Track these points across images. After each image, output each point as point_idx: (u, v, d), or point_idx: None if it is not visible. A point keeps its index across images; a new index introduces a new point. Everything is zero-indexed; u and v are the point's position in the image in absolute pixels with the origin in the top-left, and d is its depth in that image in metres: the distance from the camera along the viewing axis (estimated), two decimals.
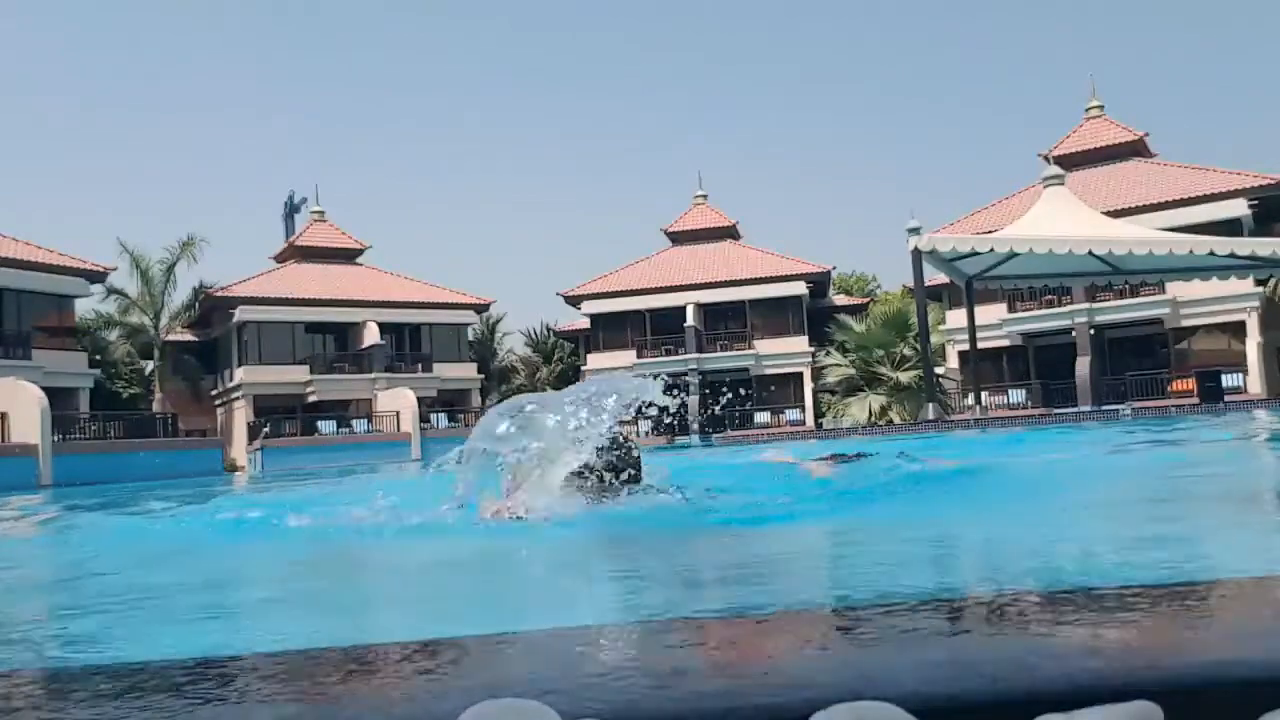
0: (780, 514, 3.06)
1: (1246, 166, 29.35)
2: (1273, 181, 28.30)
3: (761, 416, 36.13)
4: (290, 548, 3.28)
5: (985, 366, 28.93)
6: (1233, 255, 17.47)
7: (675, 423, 36.44)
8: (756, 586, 1.97)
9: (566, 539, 2.77)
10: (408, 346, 36.73)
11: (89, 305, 32.62)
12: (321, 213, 39.42)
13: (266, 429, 30.39)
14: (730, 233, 41.08)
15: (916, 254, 17.57)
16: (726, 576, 2.22)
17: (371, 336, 34.78)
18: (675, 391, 4.10)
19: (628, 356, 38.13)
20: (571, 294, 39.28)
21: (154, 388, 33.07)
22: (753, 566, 2.25)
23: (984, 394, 25.21)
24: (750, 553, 2.43)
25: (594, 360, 38.97)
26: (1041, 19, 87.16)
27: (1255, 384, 27.04)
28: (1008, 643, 0.79)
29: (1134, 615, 0.85)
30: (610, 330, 38.87)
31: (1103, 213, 21.76)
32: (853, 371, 30.71)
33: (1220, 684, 0.67)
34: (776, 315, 37.55)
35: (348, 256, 38.89)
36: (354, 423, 32.89)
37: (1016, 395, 31.52)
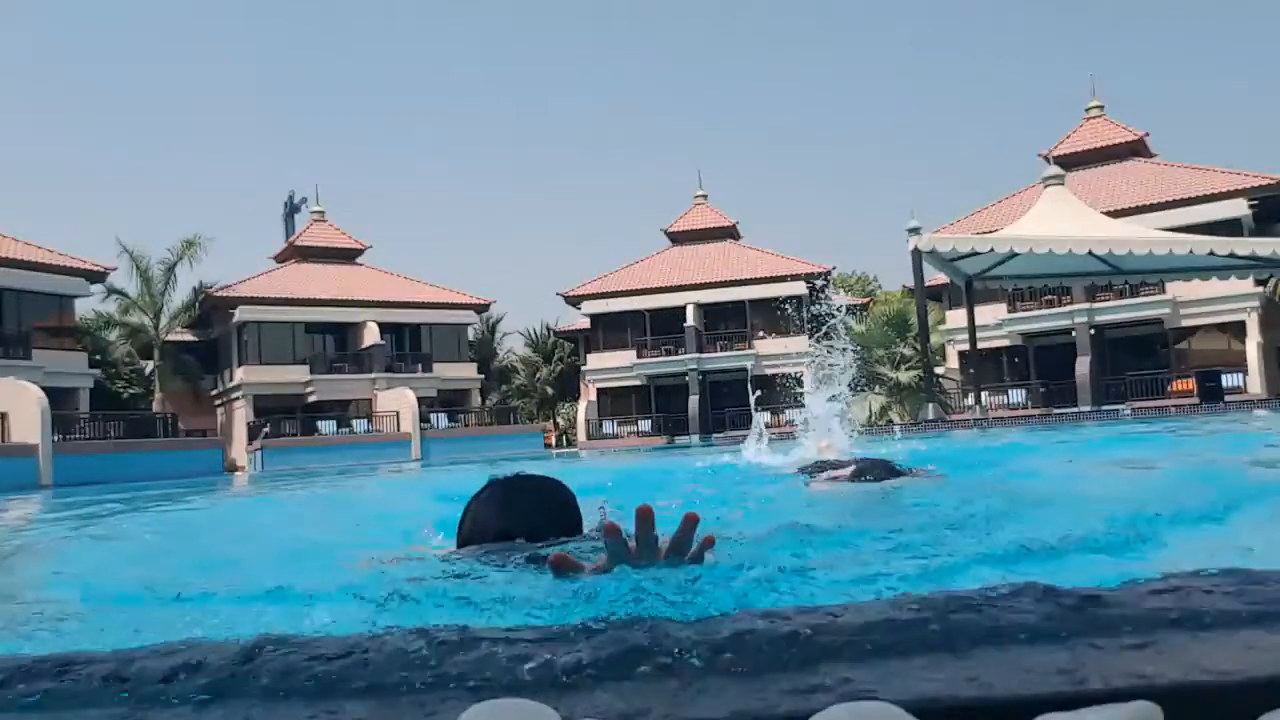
0: None
1: (1246, 166, 29.38)
2: (1273, 181, 28.29)
3: (761, 416, 36.13)
4: None
5: (985, 366, 28.90)
6: (1233, 255, 17.45)
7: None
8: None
9: None
10: (408, 346, 36.73)
11: (89, 305, 32.68)
12: (321, 213, 39.43)
13: (266, 429, 30.39)
14: (730, 233, 41.08)
15: (916, 254, 17.57)
16: None
17: (371, 336, 34.79)
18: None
19: (628, 356, 38.15)
20: (571, 294, 39.28)
21: (154, 388, 33.07)
22: None
23: (984, 394, 25.20)
24: None
25: (594, 360, 39.00)
26: (1042, 19, 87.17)
27: (1255, 384, 27.03)
28: (1009, 642, 0.79)
29: (1135, 614, 0.85)
30: (610, 330, 38.88)
31: (1103, 213, 21.74)
32: (853, 371, 30.67)
33: (1220, 684, 0.67)
34: (777, 315, 37.54)
35: (348, 256, 38.90)
36: (354, 423, 32.89)
37: (1016, 395, 31.49)
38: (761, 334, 36.83)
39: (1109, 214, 22.83)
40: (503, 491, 1.94)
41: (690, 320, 37.34)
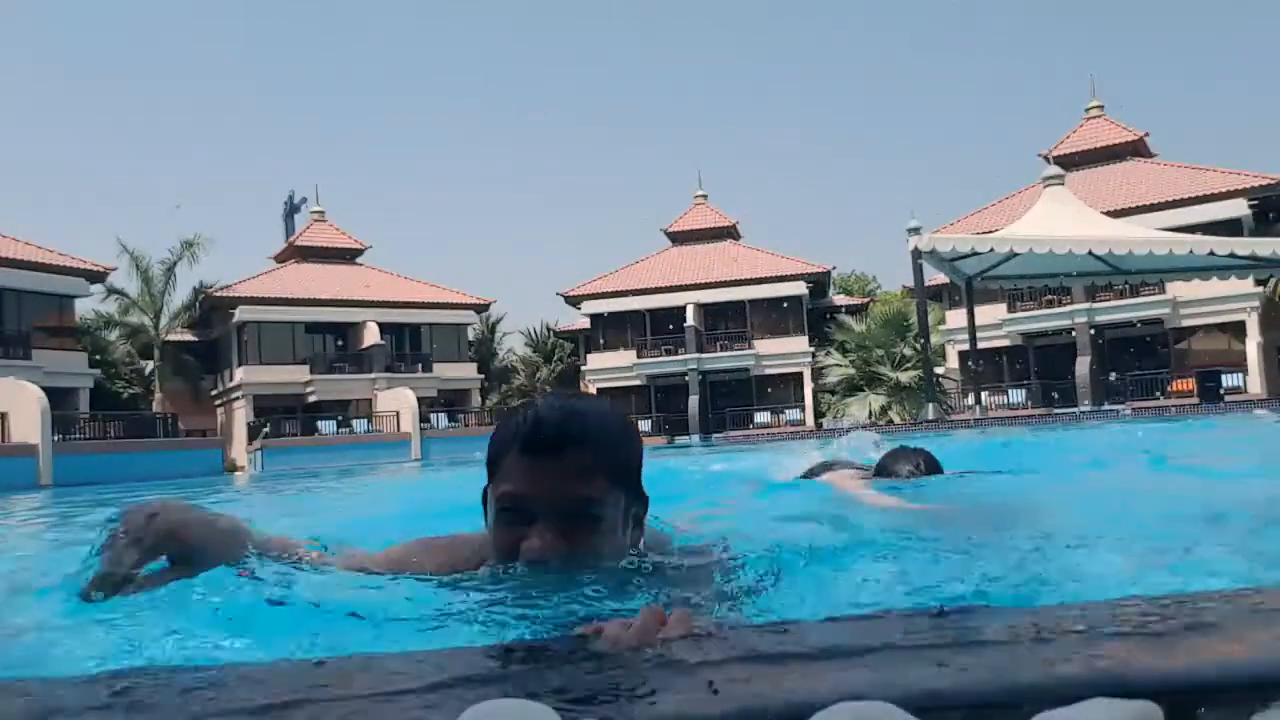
0: None
1: (1246, 166, 29.40)
2: (1273, 181, 28.30)
3: (761, 416, 36.14)
4: None
5: (985, 366, 28.92)
6: (1233, 255, 17.46)
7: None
8: None
9: None
10: (408, 346, 36.73)
11: (89, 305, 32.69)
12: (321, 213, 39.42)
13: (266, 429, 30.37)
14: (730, 233, 41.09)
15: (916, 254, 17.56)
16: None
17: (371, 336, 34.78)
18: None
19: (628, 356, 38.14)
20: (571, 294, 39.29)
21: (154, 388, 33.08)
22: None
23: (984, 394, 25.21)
24: None
25: (594, 360, 39.00)
26: (1042, 19, 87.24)
27: (1255, 384, 27.04)
28: (1009, 644, 0.79)
29: (1135, 615, 0.85)
30: (610, 330, 38.88)
31: (1103, 213, 21.73)
32: (853, 371, 30.72)
33: (1220, 685, 0.67)
34: (776, 315, 37.54)
35: (348, 256, 38.89)
36: (354, 423, 32.87)
37: (1016, 395, 31.51)
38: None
39: (1109, 214, 22.81)
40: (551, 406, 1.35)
41: (690, 320, 37.33)
